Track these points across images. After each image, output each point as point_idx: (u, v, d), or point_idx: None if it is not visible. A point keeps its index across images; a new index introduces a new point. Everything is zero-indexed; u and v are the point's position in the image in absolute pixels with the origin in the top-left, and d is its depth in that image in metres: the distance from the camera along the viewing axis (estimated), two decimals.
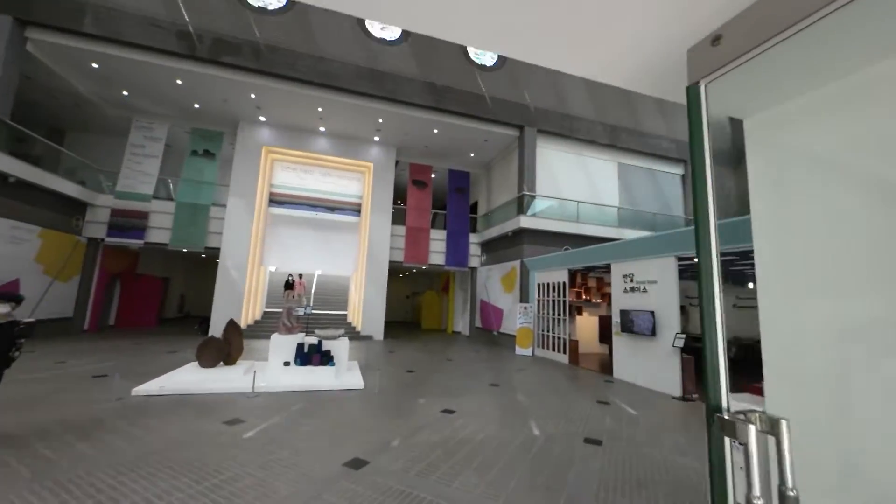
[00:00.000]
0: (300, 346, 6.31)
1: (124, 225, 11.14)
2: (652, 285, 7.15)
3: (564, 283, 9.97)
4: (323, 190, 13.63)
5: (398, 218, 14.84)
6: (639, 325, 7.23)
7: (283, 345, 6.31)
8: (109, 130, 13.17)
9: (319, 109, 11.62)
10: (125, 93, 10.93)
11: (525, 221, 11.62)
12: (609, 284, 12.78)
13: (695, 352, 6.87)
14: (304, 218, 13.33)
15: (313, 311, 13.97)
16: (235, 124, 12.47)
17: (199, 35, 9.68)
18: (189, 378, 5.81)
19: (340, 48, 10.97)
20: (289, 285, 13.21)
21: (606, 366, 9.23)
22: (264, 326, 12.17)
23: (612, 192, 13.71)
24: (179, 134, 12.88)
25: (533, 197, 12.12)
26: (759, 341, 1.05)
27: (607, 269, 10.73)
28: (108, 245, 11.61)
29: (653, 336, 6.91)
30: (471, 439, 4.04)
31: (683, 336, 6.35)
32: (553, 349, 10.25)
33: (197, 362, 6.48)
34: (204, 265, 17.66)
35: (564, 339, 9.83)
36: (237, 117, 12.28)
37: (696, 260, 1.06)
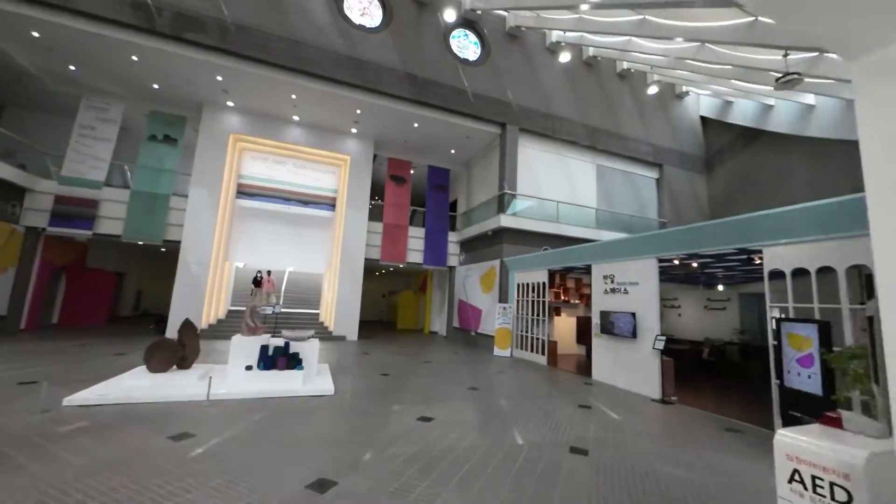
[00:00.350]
0: (264, 348, 5.80)
1: (69, 213, 10.09)
2: (633, 287, 7.08)
3: (544, 284, 9.84)
4: (296, 182, 12.95)
5: (375, 214, 14.35)
6: (619, 327, 7.15)
7: (245, 347, 5.78)
8: (55, 109, 11.97)
9: (293, 97, 10.98)
10: (72, 67, 9.89)
11: (505, 220, 11.44)
12: (587, 285, 12.84)
13: (672, 354, 6.85)
14: (276, 211, 12.61)
15: (283, 310, 13.29)
16: (200, 108, 11.60)
17: (158, 7, 8.85)
18: (135, 384, 5.19)
19: (317, 33, 10.38)
20: (257, 282, 12.48)
21: (584, 367, 9.17)
22: (229, 326, 11.40)
23: (590, 193, 13.77)
24: (138, 117, 11.87)
25: (514, 196, 11.96)
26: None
27: (586, 269, 10.70)
28: (49, 235, 10.51)
29: (633, 338, 6.83)
30: (451, 451, 3.72)
31: (664, 338, 6.30)
32: (532, 350, 10.11)
33: (145, 366, 5.83)
34: (163, 259, 16.46)
35: (543, 341, 9.70)
36: (201, 101, 11.43)
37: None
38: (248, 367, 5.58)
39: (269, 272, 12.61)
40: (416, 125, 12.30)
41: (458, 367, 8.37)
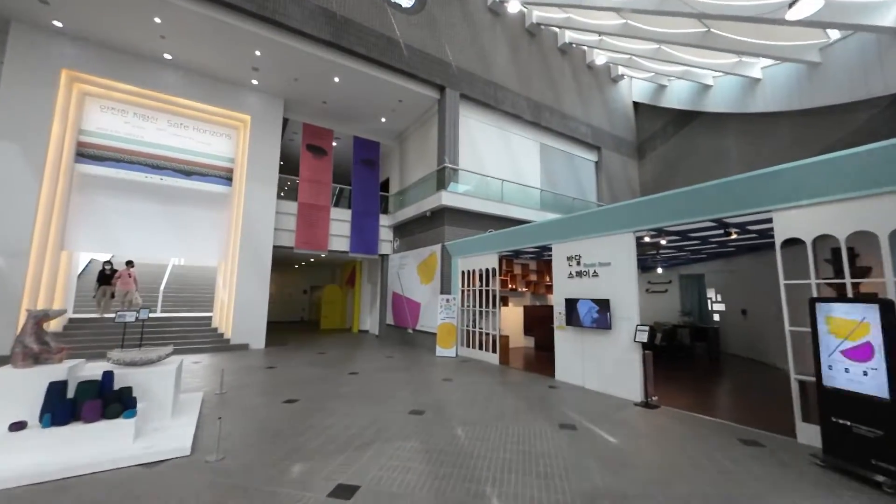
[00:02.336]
0: (56, 387, 3.36)
1: None
2: (604, 269, 5.94)
3: (494, 270, 8.45)
4: (172, 146, 9.78)
5: (289, 193, 11.75)
6: (588, 317, 5.98)
7: (16, 388, 3.29)
8: None
9: (157, 21, 7.95)
10: None
11: (447, 198, 9.81)
12: (534, 272, 11.88)
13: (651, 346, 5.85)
14: (142, 183, 9.37)
15: (157, 316, 10.12)
16: (5, 24, 7.90)
17: None
18: None
19: None
20: (104, 278, 9.22)
21: (541, 364, 8.00)
22: (69, 340, 8.09)
23: (534, 173, 12.80)
24: None
25: (455, 170, 10.37)
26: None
27: (536, 253, 9.60)
28: None
29: (607, 329, 5.70)
30: None
31: (646, 328, 5.22)
32: (480, 347, 8.70)
33: None
34: None
35: (494, 336, 8.33)
36: (8, 13, 7.77)
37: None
38: (17, 426, 3.13)
39: (128, 263, 9.41)
40: (336, 80, 9.98)
41: (393, 378, 6.56)
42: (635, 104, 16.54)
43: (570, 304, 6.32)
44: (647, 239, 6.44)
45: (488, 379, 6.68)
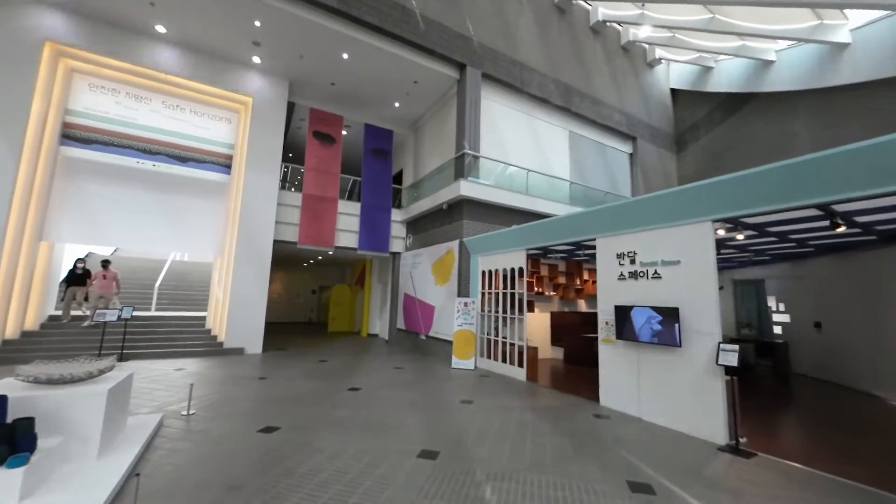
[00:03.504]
0: None
1: None
2: (670, 268, 4.67)
3: (521, 270, 7.24)
4: (167, 129, 8.97)
5: (293, 184, 10.86)
6: (648, 330, 4.71)
7: None
8: None
9: None
10: None
11: (466, 188, 8.67)
12: (563, 273, 10.60)
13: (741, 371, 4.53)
14: (133, 169, 8.56)
15: (159, 315, 9.30)
16: None
17: None
18: None
19: None
20: (76, 278, 8.27)
21: (576, 383, 6.73)
22: (44, 345, 7.31)
23: (562, 164, 11.52)
24: None
25: (476, 158, 9.22)
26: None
27: (568, 252, 8.34)
28: None
29: (674, 346, 4.42)
30: None
31: (735, 348, 3.92)
32: (503, 360, 7.49)
33: None
34: None
35: (520, 347, 7.11)
36: None
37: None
38: None
39: (105, 263, 8.52)
40: (345, 56, 8.99)
41: (401, 398, 5.43)
42: (673, 92, 15.04)
43: (622, 312, 5.06)
44: (720, 233, 5.14)
45: (516, 401, 5.48)
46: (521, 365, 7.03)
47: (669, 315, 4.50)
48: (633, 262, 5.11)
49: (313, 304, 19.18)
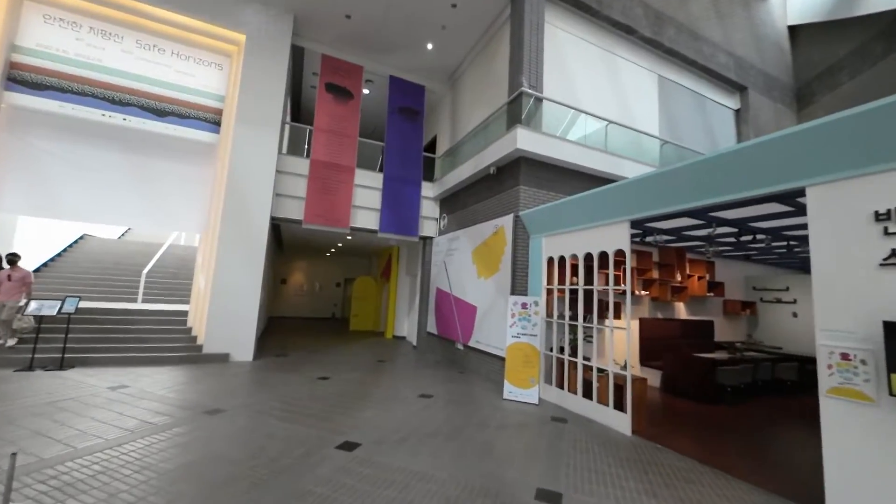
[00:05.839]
0: None
1: None
2: None
3: (622, 253, 4.53)
4: (142, 75, 7.11)
5: (298, 147, 8.79)
6: None
7: None
8: None
9: None
10: None
11: (525, 139, 6.05)
12: (660, 265, 7.68)
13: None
14: (97, 123, 6.76)
15: (142, 308, 7.50)
16: None
17: None
18: None
19: None
20: None
21: (710, 438, 3.85)
22: None
23: (650, 117, 8.52)
24: None
25: (540, 100, 6.56)
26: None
27: (675, 232, 5.49)
28: None
29: None
30: None
31: None
32: (585, 393, 4.83)
33: None
34: None
35: (620, 377, 4.41)
36: None
37: None
38: None
39: (12, 259, 5.26)
40: None
41: (427, 476, 2.98)
42: (792, 31, 11.41)
43: (892, 329, 2.28)
44: None
45: (641, 498, 2.85)
46: (619, 407, 4.35)
47: None
48: None
49: (337, 299, 17.34)
